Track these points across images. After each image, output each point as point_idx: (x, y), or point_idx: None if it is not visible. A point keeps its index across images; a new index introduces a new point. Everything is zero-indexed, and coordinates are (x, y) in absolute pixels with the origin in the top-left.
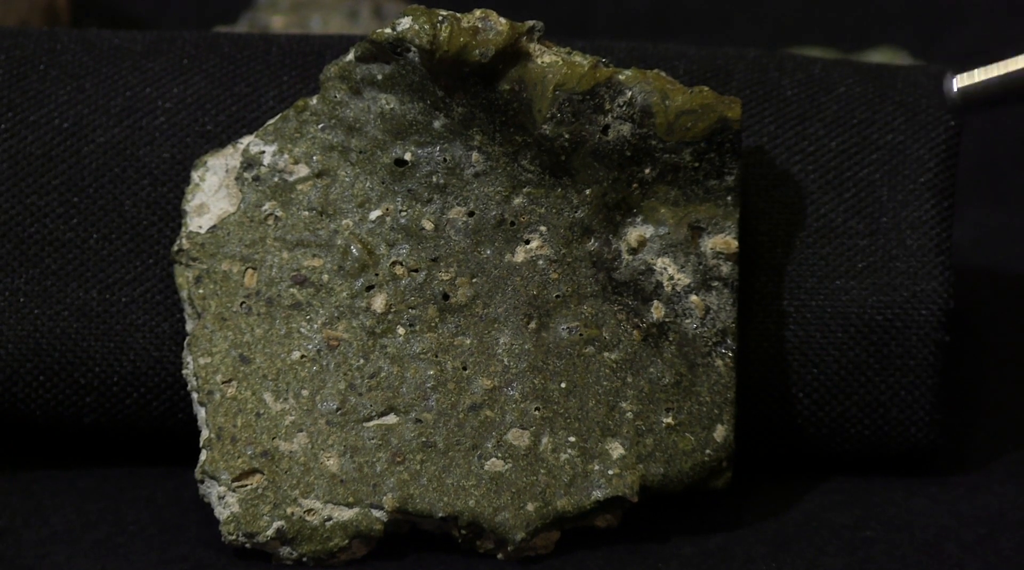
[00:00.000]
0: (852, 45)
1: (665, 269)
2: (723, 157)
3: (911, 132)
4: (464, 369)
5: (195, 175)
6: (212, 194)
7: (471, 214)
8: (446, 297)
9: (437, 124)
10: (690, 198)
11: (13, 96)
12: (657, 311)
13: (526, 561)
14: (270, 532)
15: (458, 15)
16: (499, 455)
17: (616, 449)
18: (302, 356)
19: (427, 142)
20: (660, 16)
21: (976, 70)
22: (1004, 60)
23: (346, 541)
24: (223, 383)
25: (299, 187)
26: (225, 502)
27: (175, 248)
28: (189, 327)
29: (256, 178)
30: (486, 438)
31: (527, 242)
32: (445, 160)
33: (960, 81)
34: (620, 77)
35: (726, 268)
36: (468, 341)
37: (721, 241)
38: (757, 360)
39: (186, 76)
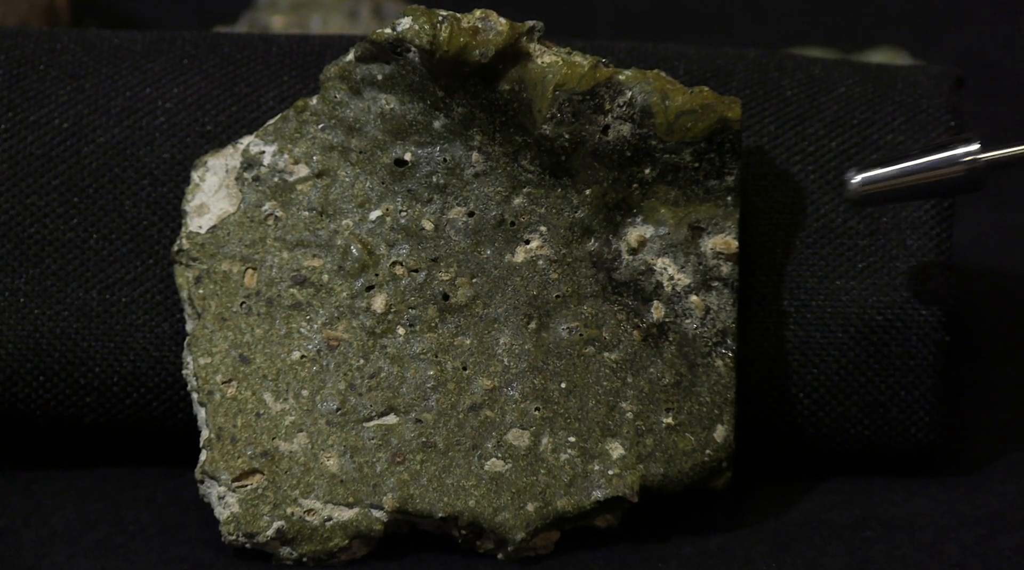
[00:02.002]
0: (852, 45)
1: (665, 269)
2: (723, 157)
3: (911, 132)
4: (464, 369)
5: (195, 175)
6: (212, 194)
7: (471, 214)
8: (446, 297)
9: (437, 124)
10: (690, 198)
11: (13, 96)
12: (657, 311)
13: (526, 561)
14: (270, 532)
15: (458, 15)
16: (499, 455)
17: (616, 449)
18: (302, 356)
19: (427, 142)
20: (660, 16)
21: (876, 167)
22: (901, 158)
23: (346, 541)
24: (223, 383)
25: (299, 187)
26: (225, 502)
27: (175, 248)
28: (189, 327)
29: (256, 178)
30: (486, 438)
31: (527, 242)
32: (445, 160)
33: (859, 175)
34: (620, 77)
35: (726, 268)
36: (468, 341)
37: (721, 241)
38: (757, 360)
39: (186, 76)
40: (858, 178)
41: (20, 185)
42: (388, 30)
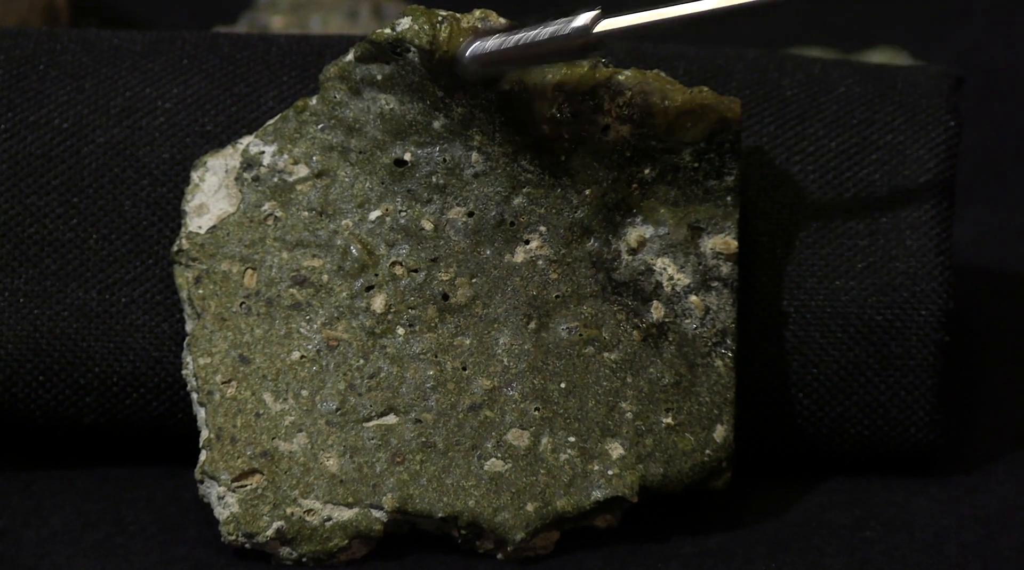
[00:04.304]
0: (852, 45)
1: (665, 269)
2: (723, 157)
3: (911, 132)
4: (464, 369)
5: (195, 175)
6: (212, 194)
7: (471, 214)
8: (446, 297)
9: (437, 124)
10: (690, 198)
11: (13, 96)
12: (657, 311)
13: (526, 561)
14: (270, 532)
15: (458, 15)
16: (499, 455)
17: (616, 449)
18: (302, 356)
19: (427, 142)
20: None
21: (490, 39)
22: (510, 29)
23: (346, 541)
24: (223, 383)
25: (299, 187)
26: (225, 502)
27: (175, 248)
28: (189, 327)
29: (256, 178)
30: (486, 438)
31: (527, 242)
32: (445, 160)
33: (468, 52)
34: (620, 77)
35: (726, 268)
36: (468, 341)
37: (721, 241)
38: (757, 360)
39: (186, 76)
40: (468, 55)
41: (20, 185)
42: (388, 30)
